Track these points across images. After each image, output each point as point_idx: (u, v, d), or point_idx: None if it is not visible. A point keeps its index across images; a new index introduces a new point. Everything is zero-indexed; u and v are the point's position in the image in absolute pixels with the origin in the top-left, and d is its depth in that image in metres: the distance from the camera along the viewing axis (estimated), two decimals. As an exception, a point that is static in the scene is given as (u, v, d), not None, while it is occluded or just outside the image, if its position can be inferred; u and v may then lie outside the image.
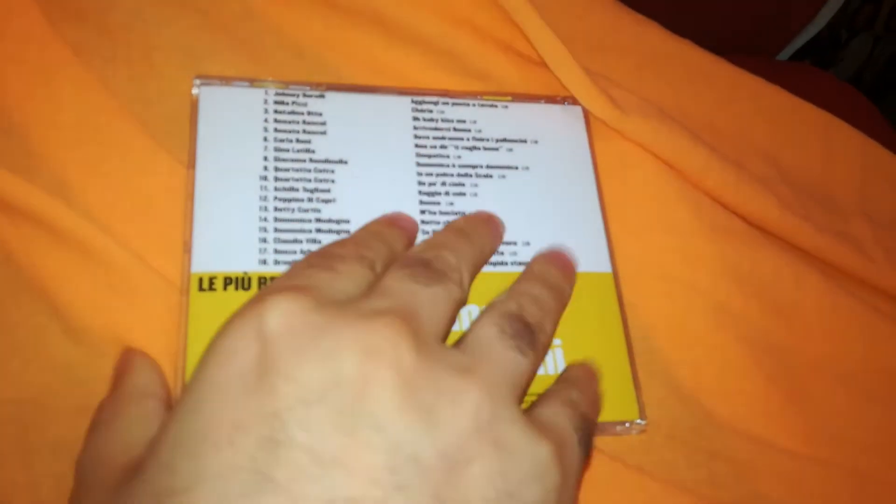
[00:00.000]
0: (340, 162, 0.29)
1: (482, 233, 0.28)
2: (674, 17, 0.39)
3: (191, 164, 0.27)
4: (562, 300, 0.27)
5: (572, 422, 0.22)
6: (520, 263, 0.29)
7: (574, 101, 0.33)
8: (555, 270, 0.27)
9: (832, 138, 0.39)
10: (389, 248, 0.25)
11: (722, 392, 0.31)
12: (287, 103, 0.29)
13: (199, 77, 0.28)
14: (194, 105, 0.28)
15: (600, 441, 0.28)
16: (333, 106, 0.30)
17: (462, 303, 0.24)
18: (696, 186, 0.34)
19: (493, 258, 0.29)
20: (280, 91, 0.29)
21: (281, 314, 0.19)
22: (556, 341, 0.28)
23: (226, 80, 0.29)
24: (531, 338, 0.23)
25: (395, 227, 0.27)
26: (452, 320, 0.23)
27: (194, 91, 0.28)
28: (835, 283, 0.34)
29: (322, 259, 0.23)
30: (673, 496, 0.28)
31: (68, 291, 0.25)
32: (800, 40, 0.56)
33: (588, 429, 0.23)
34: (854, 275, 0.36)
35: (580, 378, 0.26)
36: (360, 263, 0.23)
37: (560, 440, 0.21)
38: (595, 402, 0.25)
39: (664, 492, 0.28)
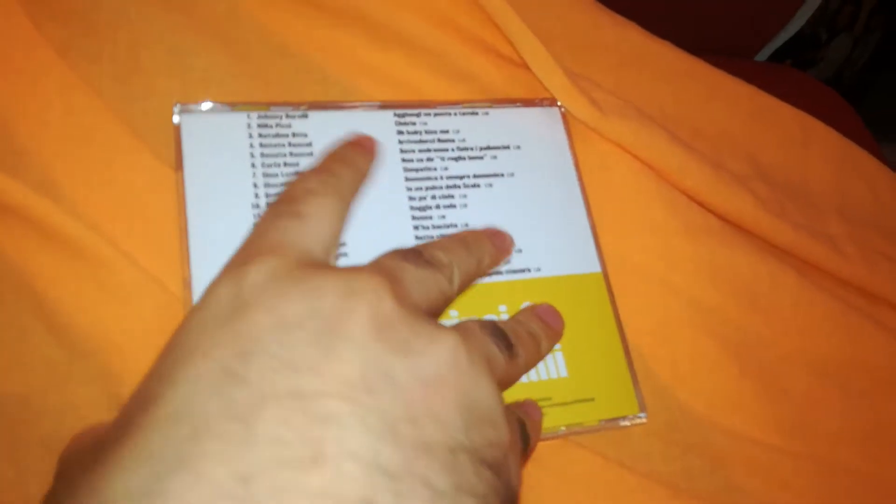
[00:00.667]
0: None
1: (482, 245, 0.28)
2: (653, 18, 0.39)
3: (180, 197, 0.27)
4: (537, 350, 0.27)
5: (522, 431, 0.23)
6: (513, 271, 0.30)
7: (551, 103, 0.34)
8: (538, 323, 0.28)
9: (809, 138, 0.40)
10: (355, 169, 0.26)
11: (698, 387, 0.31)
12: (271, 126, 0.29)
13: (178, 104, 0.28)
14: (177, 133, 0.28)
15: (581, 437, 0.29)
16: (317, 125, 0.29)
17: (449, 298, 0.24)
18: (674, 186, 0.34)
19: None
20: (262, 114, 0.29)
21: (263, 271, 0.19)
22: (556, 345, 0.29)
23: (202, 106, 0.28)
24: (509, 347, 0.23)
25: (358, 147, 0.27)
26: (437, 307, 0.24)
27: (175, 119, 0.28)
28: (809, 279, 0.35)
29: (287, 205, 0.23)
30: (650, 489, 0.28)
31: (54, 289, 0.25)
32: (778, 41, 0.57)
33: (526, 434, 0.24)
34: (828, 271, 0.36)
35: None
36: (325, 189, 0.23)
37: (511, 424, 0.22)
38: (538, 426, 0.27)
39: (642, 485, 0.28)
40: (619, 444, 0.29)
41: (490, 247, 0.28)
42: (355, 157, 0.27)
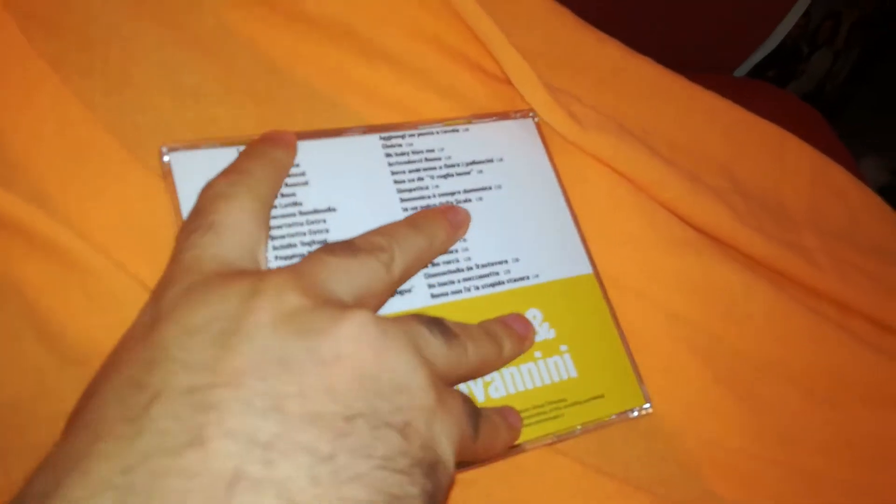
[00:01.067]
0: (329, 210, 0.29)
1: (434, 222, 0.28)
2: (633, 34, 0.40)
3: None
4: (498, 349, 0.27)
5: (466, 406, 0.23)
6: (514, 280, 0.31)
7: (524, 114, 0.35)
8: (501, 326, 0.28)
9: (784, 152, 0.41)
10: (268, 160, 0.26)
11: (674, 396, 0.32)
12: None
13: (166, 145, 0.28)
14: (168, 174, 0.28)
15: (561, 444, 0.29)
16: (308, 155, 0.30)
17: (389, 282, 0.24)
18: (652, 199, 0.35)
19: (490, 279, 0.30)
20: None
21: (179, 289, 0.21)
22: (563, 347, 0.30)
23: (193, 144, 0.28)
24: (447, 335, 0.23)
25: (270, 141, 0.27)
26: (372, 293, 0.24)
27: (165, 159, 0.28)
28: (785, 291, 0.36)
29: (199, 217, 0.23)
30: (628, 494, 0.29)
31: (46, 298, 0.25)
32: (758, 55, 0.58)
33: (475, 411, 0.24)
34: (803, 283, 0.37)
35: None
36: (235, 190, 0.24)
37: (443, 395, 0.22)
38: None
39: (620, 490, 0.29)
40: (598, 450, 0.30)
41: (443, 222, 0.29)
42: (267, 149, 0.27)
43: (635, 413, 0.31)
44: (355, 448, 0.18)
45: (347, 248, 0.23)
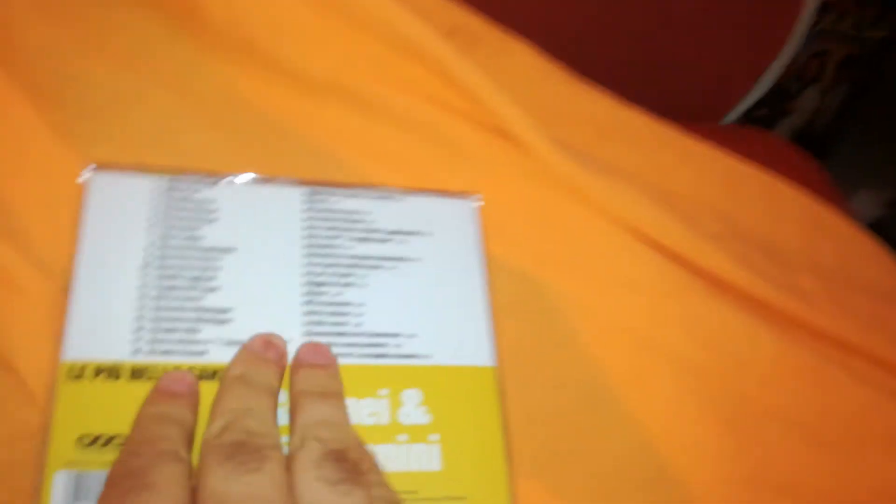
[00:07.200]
0: (229, 250, 0.29)
1: (262, 371, 0.26)
2: (622, 87, 0.41)
3: (74, 252, 0.27)
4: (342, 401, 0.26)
5: None
6: (402, 356, 0.30)
7: (466, 195, 0.34)
8: (320, 372, 0.26)
9: (778, 197, 0.41)
10: (179, 424, 0.24)
11: (680, 442, 0.32)
12: (179, 190, 0.30)
13: (92, 165, 0.29)
14: (82, 193, 0.28)
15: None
16: (227, 194, 0.30)
17: (282, 456, 0.22)
18: (652, 244, 0.36)
19: (375, 349, 0.29)
20: (172, 178, 0.30)
21: None
22: (434, 436, 0.28)
23: (118, 168, 0.29)
24: (357, 475, 0.22)
25: (168, 397, 0.25)
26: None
27: (82, 178, 0.29)
28: (787, 334, 0.36)
29: (131, 479, 0.21)
30: None
31: None
32: (745, 103, 0.60)
33: None
34: (804, 324, 0.38)
35: None
36: (164, 461, 0.21)
37: None
38: None
39: None
40: (603, 499, 0.30)
41: (266, 367, 0.26)
42: (171, 408, 0.24)
43: None
44: None
45: (245, 453, 0.21)
